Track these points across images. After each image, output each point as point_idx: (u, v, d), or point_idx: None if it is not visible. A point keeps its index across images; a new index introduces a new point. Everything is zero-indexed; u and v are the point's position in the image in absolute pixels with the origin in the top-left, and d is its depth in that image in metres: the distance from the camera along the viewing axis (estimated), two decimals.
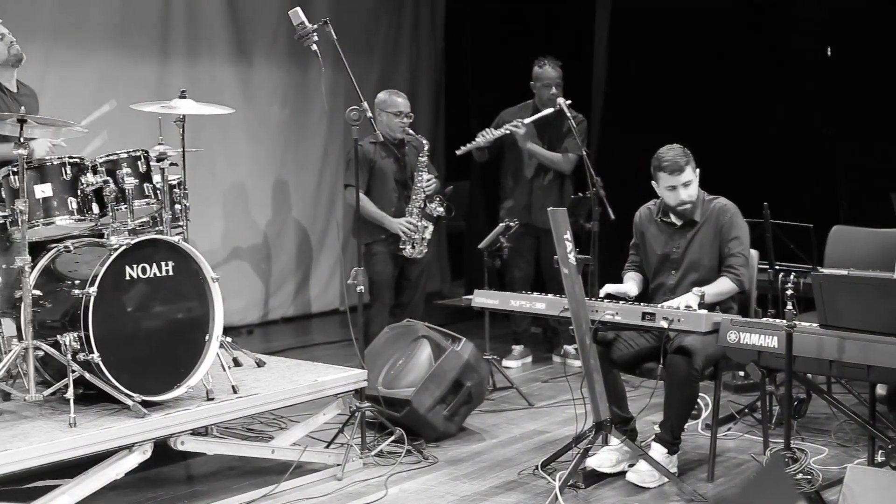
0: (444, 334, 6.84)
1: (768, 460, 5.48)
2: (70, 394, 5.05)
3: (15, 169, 5.32)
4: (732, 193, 6.18)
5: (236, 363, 6.31)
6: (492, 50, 11.22)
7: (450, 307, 11.00)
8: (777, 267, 6.96)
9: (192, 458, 6.01)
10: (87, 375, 5.15)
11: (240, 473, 5.98)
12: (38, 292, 5.36)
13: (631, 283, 6.18)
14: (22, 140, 5.19)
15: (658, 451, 5.77)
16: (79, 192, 5.54)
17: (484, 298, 6.24)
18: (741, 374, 7.39)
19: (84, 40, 8.99)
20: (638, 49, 9.78)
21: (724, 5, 9.27)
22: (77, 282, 5.31)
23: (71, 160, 5.55)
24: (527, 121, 8.42)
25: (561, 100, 7.83)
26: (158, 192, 5.83)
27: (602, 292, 5.99)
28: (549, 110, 8.32)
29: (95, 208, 5.61)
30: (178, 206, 6.26)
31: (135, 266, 5.31)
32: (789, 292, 5.07)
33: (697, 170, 6.02)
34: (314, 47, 6.11)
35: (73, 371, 5.11)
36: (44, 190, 5.44)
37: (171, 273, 5.44)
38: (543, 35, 10.35)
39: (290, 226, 10.81)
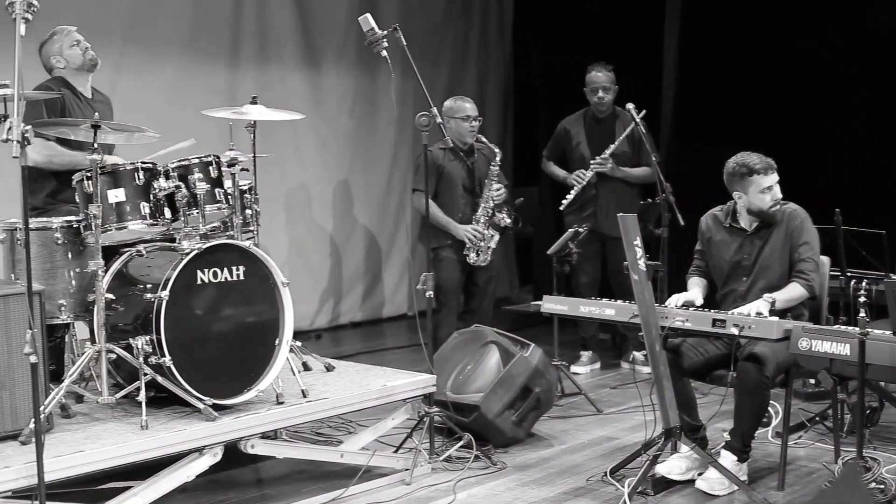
0: (513, 340, 6.82)
1: (841, 469, 5.43)
2: (142, 397, 5.10)
3: (89, 174, 5.37)
4: (803, 199, 6.12)
5: (306, 367, 6.35)
6: (560, 56, 11.18)
7: (518, 313, 10.97)
8: (849, 274, 6.88)
9: (261, 461, 6.05)
10: (159, 379, 5.20)
11: (309, 477, 6.00)
12: (110, 296, 5.41)
13: (696, 290, 6.12)
14: (95, 145, 5.25)
15: (728, 459, 5.72)
16: (151, 197, 5.58)
17: (553, 304, 6.22)
18: (812, 381, 7.32)
19: (156, 46, 9.07)
20: (708, 54, 9.70)
21: (795, 10, 9.18)
22: (149, 286, 5.35)
23: (144, 165, 5.60)
24: (607, 153, 8.41)
25: (630, 105, 7.77)
26: (229, 196, 5.87)
27: (669, 303, 5.94)
28: (626, 132, 8.30)
29: (167, 213, 5.66)
30: (248, 211, 6.30)
31: (206, 270, 5.35)
32: (862, 299, 5.02)
33: None
34: (384, 53, 6.13)
35: (145, 374, 5.16)
36: (117, 195, 5.49)
37: (241, 277, 5.47)
38: (612, 40, 10.30)
39: (358, 231, 10.85)
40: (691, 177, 8.51)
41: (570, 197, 8.49)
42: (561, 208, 8.60)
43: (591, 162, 8.45)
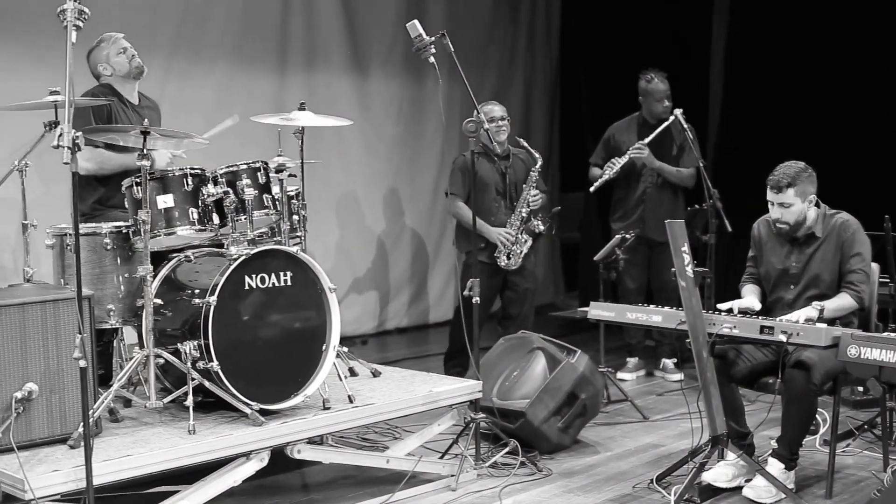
0: (560, 346, 6.82)
1: (890, 478, 5.39)
2: (189, 401, 5.13)
3: (138, 180, 5.41)
4: (852, 205, 6.08)
5: (352, 373, 6.36)
6: (607, 61, 11.17)
7: (564, 319, 10.97)
8: None
9: (307, 466, 6.07)
10: (207, 383, 5.24)
11: (354, 482, 6.01)
12: (159, 301, 5.43)
13: (751, 297, 6.09)
14: (145, 151, 5.28)
15: (775, 467, 5.69)
16: (200, 203, 5.62)
17: (600, 310, 6.20)
18: (861, 389, 7.26)
19: (204, 52, 9.13)
20: (755, 58, 9.67)
21: (843, 15, 9.12)
22: (197, 291, 5.39)
23: (192, 171, 5.63)
24: (646, 141, 8.36)
25: (678, 111, 7.76)
26: (277, 202, 5.90)
27: (724, 307, 5.90)
28: (665, 125, 8.24)
29: (216, 219, 5.69)
30: (295, 217, 6.33)
31: (254, 276, 5.37)
32: None
33: (812, 196, 5.92)
34: (431, 59, 6.14)
35: (193, 379, 5.19)
36: (166, 200, 5.53)
37: (289, 283, 5.49)
38: (658, 45, 10.28)
39: (405, 237, 10.87)
40: (739, 182, 8.48)
41: (605, 177, 8.41)
42: (591, 189, 8.56)
43: (630, 150, 8.40)
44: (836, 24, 9.19)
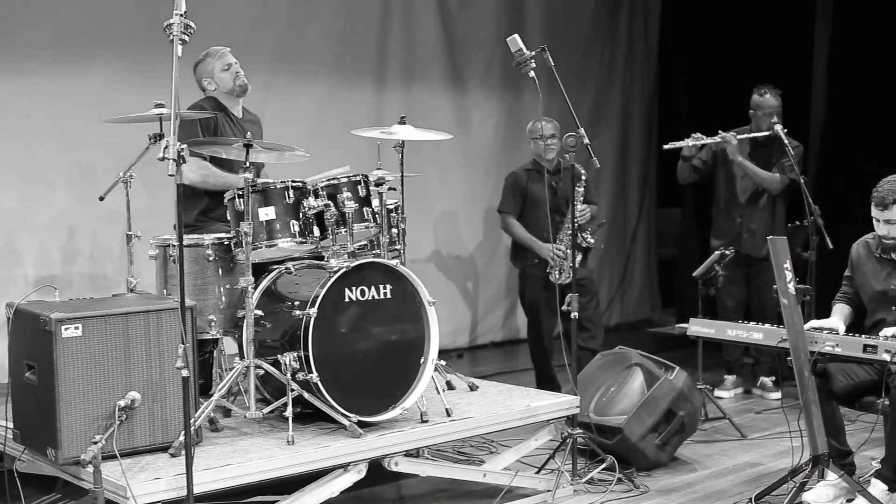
0: (657, 362, 6.77)
1: None
2: (289, 412, 5.16)
3: (240, 192, 5.47)
4: None
5: (450, 386, 6.38)
6: (706, 75, 11.10)
7: (660, 335, 10.90)
8: None
9: (403, 479, 6.08)
10: (306, 395, 5.27)
11: (450, 496, 6.02)
12: (259, 312, 5.48)
13: (836, 318, 5.98)
14: (247, 164, 5.34)
15: (878, 489, 5.60)
16: (301, 216, 5.65)
17: (700, 327, 6.16)
18: None
19: (305, 66, 9.22)
20: (857, 73, 9.55)
21: None
22: (297, 303, 5.43)
23: (294, 184, 5.68)
24: (740, 136, 8.30)
25: (778, 126, 7.70)
26: (377, 215, 5.93)
27: (806, 327, 5.82)
28: (764, 133, 8.18)
29: (316, 231, 5.72)
30: (395, 230, 6.36)
31: (353, 288, 5.40)
32: None
33: None
34: (532, 74, 6.13)
35: (293, 390, 5.22)
36: (267, 213, 5.58)
37: (388, 296, 5.51)
38: (759, 60, 10.19)
39: (501, 252, 10.84)
40: (840, 198, 8.37)
41: (684, 143, 8.35)
42: (665, 146, 8.51)
43: (720, 133, 8.34)
44: None
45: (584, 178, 7.83)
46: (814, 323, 5.85)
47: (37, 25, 7.73)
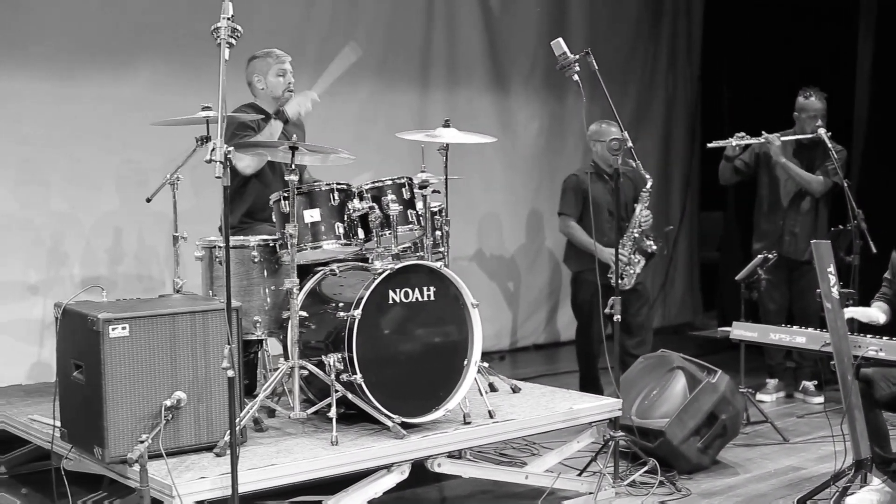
0: (700, 366, 6.77)
1: None
2: (333, 413, 5.19)
3: (286, 194, 5.51)
4: None
5: (492, 388, 6.39)
6: (749, 79, 11.07)
7: (702, 338, 10.87)
8: None
9: (445, 480, 6.10)
10: (350, 396, 5.29)
11: (492, 497, 6.04)
12: (304, 314, 5.52)
13: (877, 310, 5.96)
14: (293, 167, 5.37)
15: None
16: (345, 218, 5.70)
17: (742, 331, 6.15)
18: None
19: (348, 70, 9.22)
20: None
21: None
22: (342, 304, 5.46)
23: (339, 186, 5.72)
24: (784, 138, 8.28)
25: (822, 130, 7.69)
26: (421, 218, 5.95)
27: (846, 314, 5.78)
28: (808, 136, 8.16)
29: (361, 233, 5.76)
30: (438, 233, 6.38)
31: (397, 290, 5.42)
32: None
33: None
34: (576, 77, 6.14)
35: (337, 391, 5.25)
36: (312, 215, 5.62)
37: (432, 298, 5.53)
38: (802, 64, 10.15)
39: (543, 255, 10.88)
40: (885, 202, 8.34)
41: (727, 142, 8.37)
42: (709, 145, 8.52)
43: (764, 134, 8.32)
44: None
45: (649, 184, 7.79)
46: (852, 310, 5.82)
47: (82, 30, 7.79)
